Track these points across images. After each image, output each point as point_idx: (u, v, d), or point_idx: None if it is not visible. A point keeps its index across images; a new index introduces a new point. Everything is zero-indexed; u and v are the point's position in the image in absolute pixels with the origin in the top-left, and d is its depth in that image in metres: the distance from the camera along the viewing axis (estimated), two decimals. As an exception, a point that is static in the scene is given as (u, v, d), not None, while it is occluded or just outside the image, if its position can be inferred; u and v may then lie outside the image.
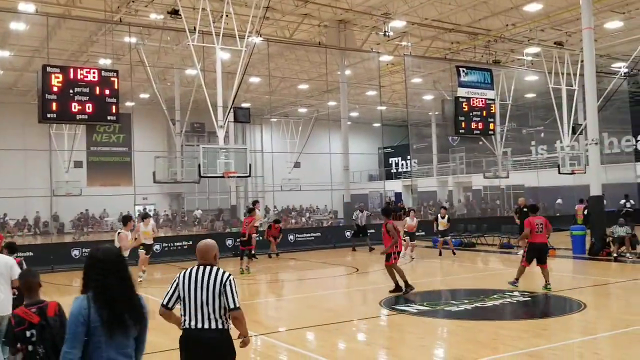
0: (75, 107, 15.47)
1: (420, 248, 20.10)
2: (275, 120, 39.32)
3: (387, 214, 12.22)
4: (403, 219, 19.22)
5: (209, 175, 16.85)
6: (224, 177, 17.24)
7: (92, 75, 15.78)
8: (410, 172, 42.12)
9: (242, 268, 15.59)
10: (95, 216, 38.39)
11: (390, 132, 47.10)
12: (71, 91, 15.42)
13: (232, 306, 4.33)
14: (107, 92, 15.94)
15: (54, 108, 15.28)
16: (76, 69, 16.02)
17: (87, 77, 15.69)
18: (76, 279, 3.51)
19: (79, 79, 15.56)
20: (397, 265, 11.61)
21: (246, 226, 16.22)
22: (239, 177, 19.44)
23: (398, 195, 44.18)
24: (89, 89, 15.65)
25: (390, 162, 47.83)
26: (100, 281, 3.33)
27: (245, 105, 29.15)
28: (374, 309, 10.59)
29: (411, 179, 40.61)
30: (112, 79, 16.12)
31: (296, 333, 8.91)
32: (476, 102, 22.25)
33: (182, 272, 4.51)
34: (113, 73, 16.38)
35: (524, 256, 11.81)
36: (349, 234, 22.66)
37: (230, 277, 4.43)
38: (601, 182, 18.49)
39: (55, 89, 15.25)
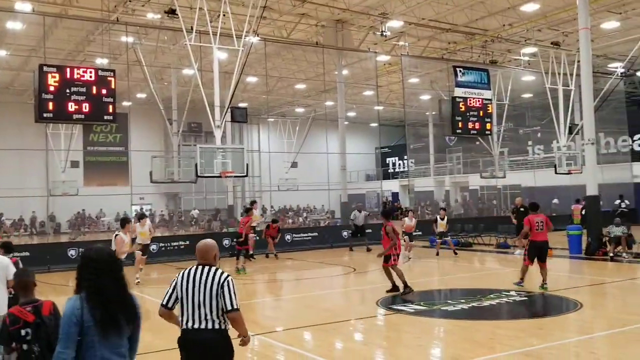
0: (71, 106, 15.44)
1: (418, 248, 20.12)
2: (272, 120, 39.30)
3: (386, 216, 12.19)
4: (400, 219, 19.25)
5: (206, 175, 16.84)
6: (221, 177, 17.22)
7: (88, 75, 15.76)
8: (408, 172, 42.19)
9: (237, 267, 15.60)
10: (91, 216, 38.30)
11: (388, 132, 47.16)
12: (68, 91, 15.39)
13: (230, 308, 4.26)
14: (104, 91, 15.91)
15: (50, 108, 15.25)
16: (73, 68, 15.99)
17: (84, 76, 15.67)
18: (73, 279, 3.50)
19: (75, 78, 15.53)
20: (397, 267, 11.56)
21: (243, 226, 16.23)
22: (236, 177, 19.46)
23: (395, 195, 44.26)
24: (85, 88, 15.63)
25: (388, 162, 47.88)
26: (93, 281, 3.33)
27: (242, 105, 29.15)
28: (371, 308, 10.59)
29: (408, 179, 40.73)
30: (109, 78, 16.10)
31: (293, 333, 8.91)
32: (473, 102, 22.27)
33: (181, 272, 4.48)
34: (110, 73, 16.36)
35: (525, 255, 11.84)
36: (346, 233, 22.65)
37: (229, 278, 4.37)
38: (597, 182, 18.52)
39: (52, 88, 15.22)
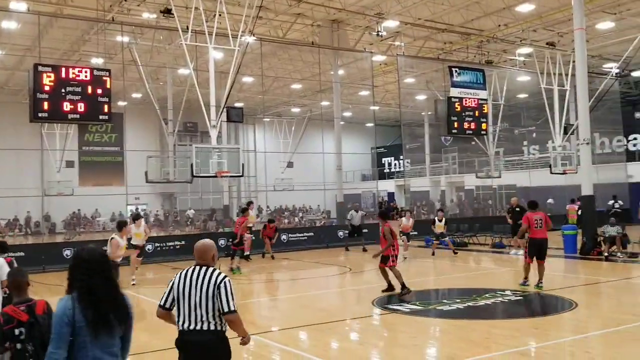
0: (67, 106, 15.39)
1: (413, 248, 20.13)
2: (268, 120, 39.29)
3: (384, 217, 12.12)
4: (395, 218, 19.24)
5: (201, 175, 16.81)
6: (216, 177, 17.20)
7: (84, 75, 15.71)
8: (403, 172, 42.23)
9: (231, 267, 15.53)
10: (87, 216, 38.23)
11: (383, 132, 47.20)
12: (63, 90, 15.33)
13: (226, 309, 4.20)
14: (99, 91, 15.86)
15: (45, 107, 15.18)
16: (68, 68, 15.93)
17: (79, 76, 15.61)
18: (66, 279, 3.52)
19: (70, 78, 15.48)
20: (395, 268, 11.46)
21: (238, 226, 16.18)
22: (231, 177, 19.41)
23: (391, 195, 44.29)
24: (80, 88, 15.58)
25: (383, 162, 47.91)
26: (85, 281, 3.33)
27: (238, 104, 29.09)
28: (366, 308, 10.58)
29: (404, 179, 40.75)
30: (104, 78, 16.05)
31: (289, 333, 8.90)
32: (469, 102, 22.31)
33: (179, 273, 4.44)
34: (105, 72, 16.32)
35: (525, 253, 11.81)
36: (342, 233, 22.65)
37: (226, 279, 4.30)
38: (592, 182, 18.58)
39: (47, 88, 15.16)
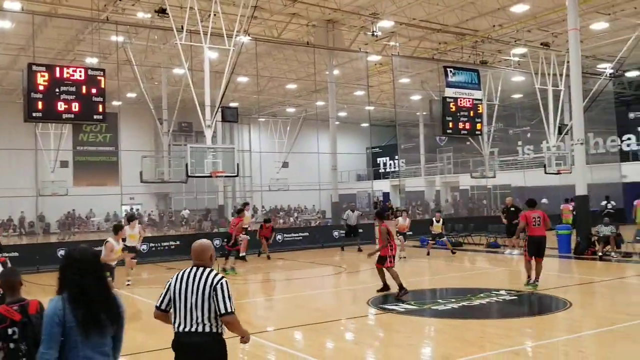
0: (61, 106, 15.34)
1: (408, 248, 20.15)
2: (263, 120, 39.26)
3: (381, 217, 12.17)
4: (391, 218, 19.26)
5: (196, 175, 16.78)
6: (211, 176, 17.16)
7: (78, 74, 15.67)
8: (398, 172, 42.30)
9: (224, 267, 15.44)
10: (81, 216, 38.10)
11: (378, 132, 47.25)
12: (57, 90, 15.29)
13: (223, 311, 4.10)
14: (94, 91, 15.83)
15: (39, 107, 15.13)
16: (62, 67, 15.88)
17: (74, 75, 15.58)
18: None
19: (65, 77, 15.43)
20: (392, 270, 11.41)
21: (233, 227, 16.12)
22: (226, 177, 19.43)
23: (386, 195, 44.36)
24: (75, 87, 15.54)
25: (378, 162, 47.99)
26: (76, 281, 3.33)
27: (233, 104, 29.08)
28: (361, 308, 10.60)
29: (399, 179, 40.84)
30: (98, 77, 16.02)
31: (284, 333, 8.91)
32: (463, 102, 22.36)
33: (176, 273, 4.37)
34: (100, 72, 16.28)
35: (525, 252, 11.86)
36: (337, 233, 22.67)
37: (223, 280, 4.21)
38: (587, 182, 18.66)
39: (41, 87, 15.11)
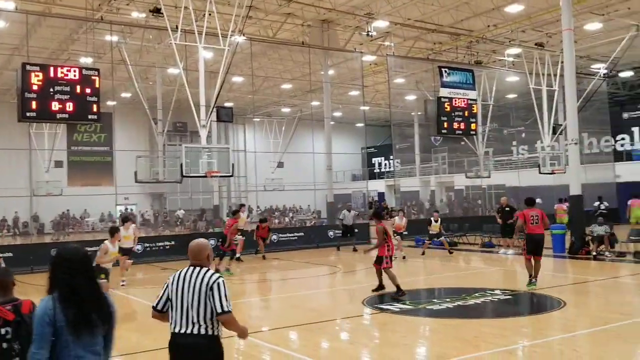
0: (55, 105, 15.31)
1: (404, 247, 20.17)
2: (258, 119, 39.22)
3: (378, 217, 12.15)
4: (386, 218, 19.27)
5: (191, 175, 16.77)
6: (206, 176, 17.15)
7: (72, 74, 15.64)
8: (393, 172, 42.29)
9: (217, 268, 15.36)
10: (76, 216, 37.96)
11: (373, 132, 47.27)
12: (51, 90, 15.25)
13: (219, 310, 4.08)
14: (88, 90, 15.79)
15: (33, 107, 15.09)
16: (56, 67, 15.86)
17: (68, 75, 15.55)
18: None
19: (59, 77, 15.40)
20: (389, 271, 11.38)
21: (228, 228, 16.06)
22: (221, 176, 19.36)
23: (381, 195, 44.37)
24: (69, 87, 15.51)
25: (373, 162, 48.00)
26: (67, 281, 3.32)
27: (228, 104, 29.06)
28: (357, 308, 10.59)
29: (394, 179, 40.81)
30: (93, 77, 15.99)
31: (279, 333, 8.90)
32: (458, 102, 22.41)
33: (173, 274, 4.34)
34: (94, 72, 16.25)
35: (524, 251, 11.88)
36: (332, 233, 22.68)
37: (219, 279, 4.18)
38: (581, 182, 18.73)
39: (35, 87, 15.07)
